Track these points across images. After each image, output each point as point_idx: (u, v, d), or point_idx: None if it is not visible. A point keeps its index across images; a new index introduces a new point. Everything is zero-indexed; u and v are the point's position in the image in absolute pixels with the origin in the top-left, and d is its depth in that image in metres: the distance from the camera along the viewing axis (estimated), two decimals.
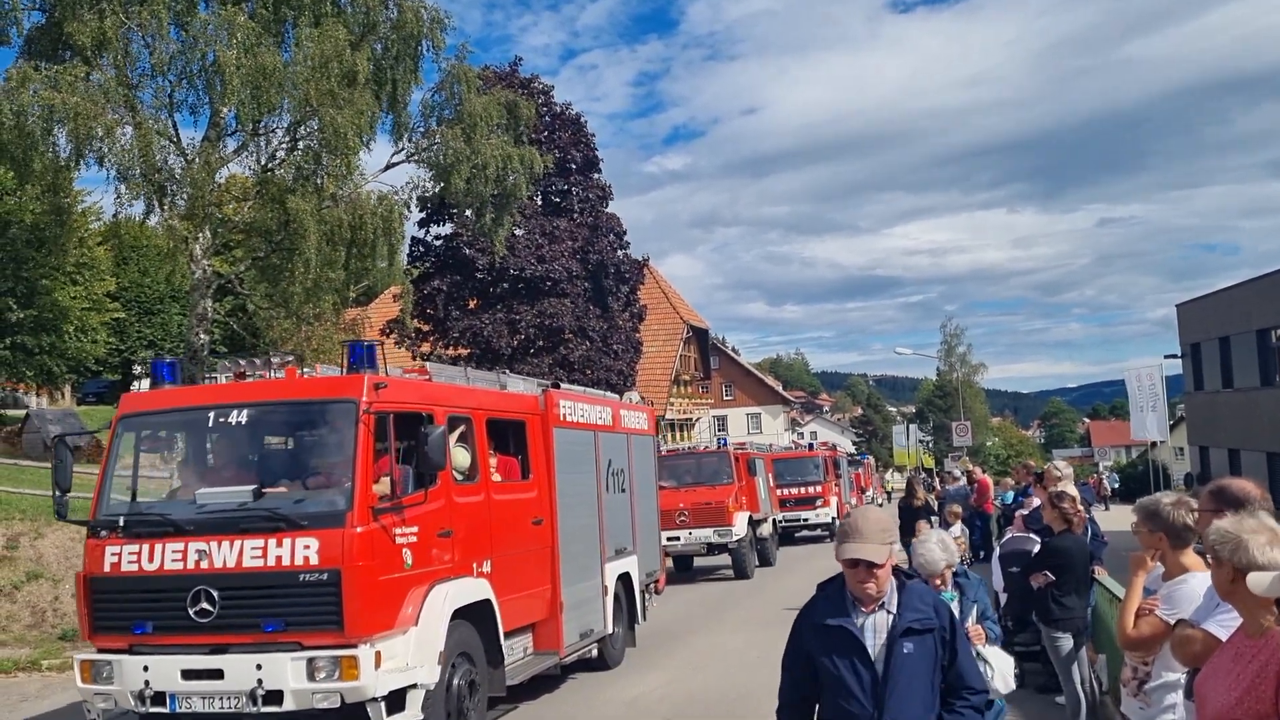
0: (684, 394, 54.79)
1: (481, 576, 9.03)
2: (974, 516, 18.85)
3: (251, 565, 7.54)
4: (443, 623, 8.16)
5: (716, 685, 11.07)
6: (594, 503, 11.63)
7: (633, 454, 13.11)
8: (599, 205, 33.83)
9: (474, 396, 9.69)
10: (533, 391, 10.89)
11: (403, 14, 21.34)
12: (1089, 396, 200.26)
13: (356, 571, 7.44)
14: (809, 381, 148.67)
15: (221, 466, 8.45)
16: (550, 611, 10.45)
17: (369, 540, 7.58)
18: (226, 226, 23.22)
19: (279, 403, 8.37)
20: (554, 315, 31.04)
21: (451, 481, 8.69)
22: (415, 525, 8.08)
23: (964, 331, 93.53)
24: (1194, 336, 37.04)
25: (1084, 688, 8.06)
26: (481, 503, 9.27)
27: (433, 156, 22.63)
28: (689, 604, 17.94)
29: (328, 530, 7.50)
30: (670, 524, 20.18)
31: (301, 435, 8.69)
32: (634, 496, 13.04)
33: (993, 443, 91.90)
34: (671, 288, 56.89)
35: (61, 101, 17.31)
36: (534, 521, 10.23)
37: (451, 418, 8.89)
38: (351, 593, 7.41)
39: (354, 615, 7.41)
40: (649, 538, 13.74)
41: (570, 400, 11.39)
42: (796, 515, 29.97)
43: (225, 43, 18.29)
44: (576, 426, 11.34)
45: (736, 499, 21.45)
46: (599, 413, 12.17)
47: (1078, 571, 7.96)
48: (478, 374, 10.58)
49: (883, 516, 3.97)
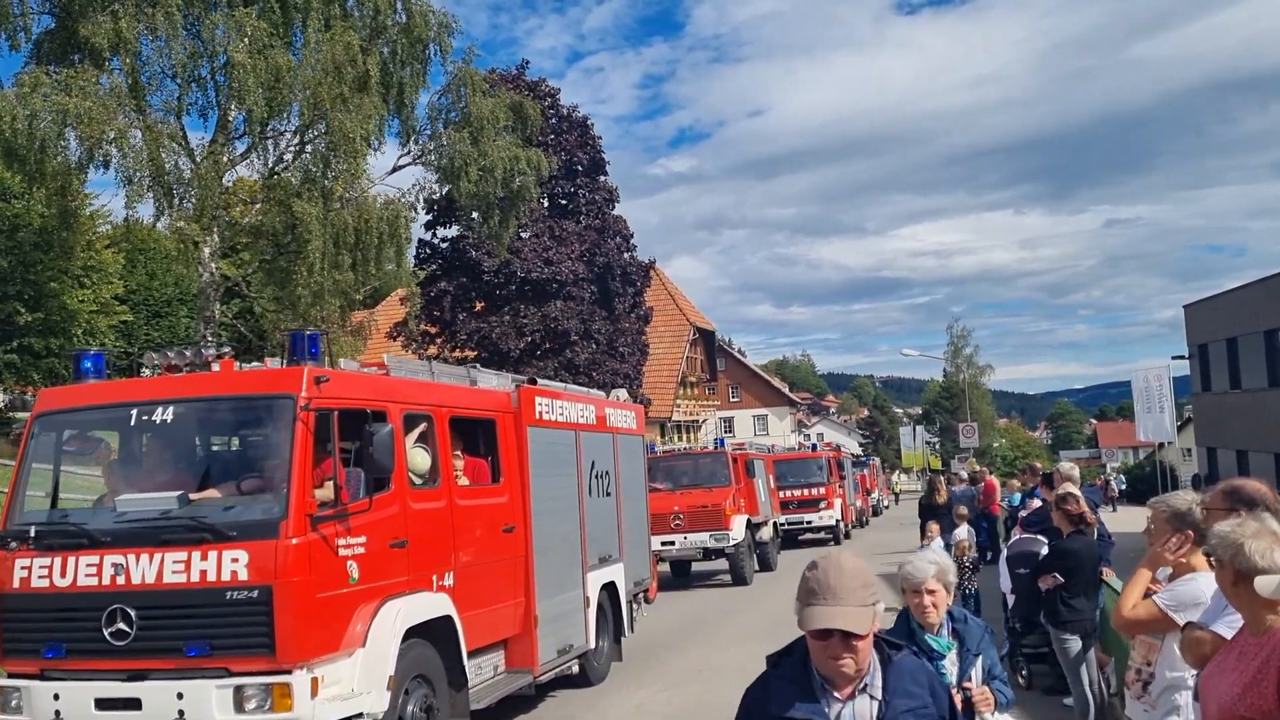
0: (690, 396, 54.79)
1: (442, 590, 8.24)
2: (980, 518, 18.85)
3: (173, 581, 6.75)
4: (393, 643, 7.37)
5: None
6: (574, 507, 10.84)
7: (619, 455, 12.33)
8: (605, 207, 33.88)
9: (436, 392, 8.86)
10: (506, 388, 10.07)
11: (410, 17, 21.42)
12: (1096, 398, 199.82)
13: (290, 588, 6.68)
14: (815, 383, 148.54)
15: (146, 470, 7.65)
16: (524, 626, 9.63)
17: (305, 552, 6.81)
18: (234, 229, 23.29)
19: (209, 399, 7.52)
20: (560, 318, 31.09)
21: (407, 486, 7.97)
22: (363, 535, 7.33)
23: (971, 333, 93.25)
24: (1201, 337, 36.97)
25: (1092, 690, 8.06)
26: (443, 509, 8.47)
27: (440, 159, 22.71)
28: (682, 613, 17.33)
29: (259, 542, 6.74)
30: (665, 528, 19.71)
31: (234, 435, 7.98)
32: (621, 500, 12.24)
33: (999, 444, 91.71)
34: (678, 290, 56.92)
35: (74, 106, 17.39)
36: (505, 529, 9.42)
37: (409, 415, 8.18)
38: (285, 612, 6.65)
39: (288, 637, 6.65)
40: (637, 544, 13.04)
41: (548, 397, 10.53)
42: (799, 518, 29.31)
43: (237, 45, 18.36)
44: (555, 425, 10.51)
45: (734, 501, 20.82)
46: (581, 411, 11.34)
47: (1086, 573, 7.96)
48: (445, 369, 9.89)
49: (861, 569, 2.93)
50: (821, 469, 30.45)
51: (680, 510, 20.31)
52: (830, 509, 29.85)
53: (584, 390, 12.60)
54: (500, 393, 9.96)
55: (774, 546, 23.99)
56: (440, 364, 9.94)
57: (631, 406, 13.58)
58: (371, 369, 8.54)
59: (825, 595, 2.86)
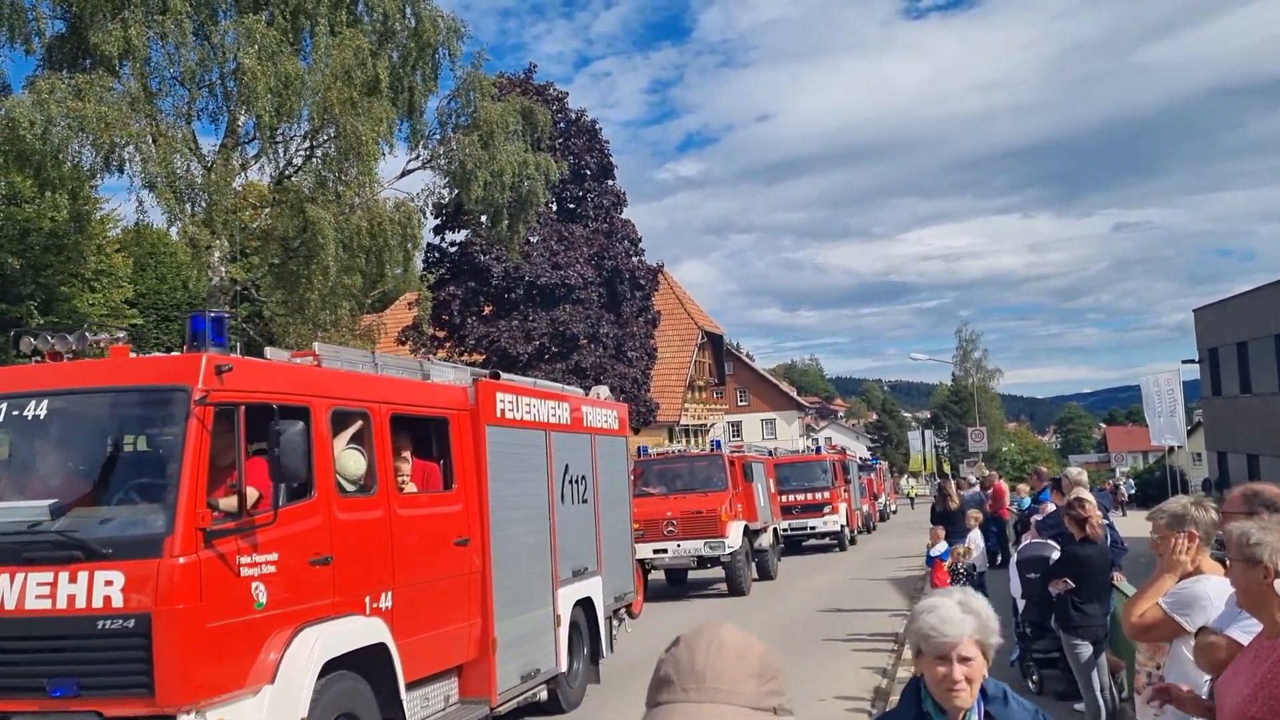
0: (698, 400, 54.81)
1: (377, 614, 7.21)
2: (989, 522, 18.83)
3: (36, 608, 5.74)
4: (308, 676, 6.34)
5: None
6: (544, 516, 9.80)
7: (598, 458, 11.28)
8: (613, 211, 33.95)
9: (374, 387, 7.80)
10: (462, 382, 8.99)
11: (420, 22, 21.49)
12: (1105, 402, 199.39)
13: (173, 616, 5.67)
14: (824, 387, 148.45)
15: (14, 475, 6.61)
16: (480, 651, 8.53)
17: (193, 573, 5.80)
18: (244, 234, 23.39)
19: (91, 391, 6.49)
20: (568, 322, 31.13)
21: (334, 493, 6.95)
22: (273, 551, 6.34)
23: (979, 336, 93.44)
24: (1211, 341, 36.88)
25: (1103, 695, 8.04)
26: (380, 520, 7.41)
27: (449, 163, 22.78)
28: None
29: (138, 561, 5.74)
30: (657, 535, 19.04)
31: (121, 433, 6.74)
32: (599, 507, 11.23)
33: (1008, 448, 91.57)
34: (686, 294, 56.95)
35: (91, 110, 17.50)
36: (457, 542, 8.35)
37: (338, 412, 7.17)
38: (166, 645, 5.65)
39: (170, 675, 5.64)
40: (619, 555, 12.01)
41: (512, 394, 9.45)
42: (803, 523, 28.58)
43: (246, 51, 18.46)
44: (520, 425, 9.44)
45: (730, 507, 19.77)
46: (552, 409, 10.28)
47: (1098, 579, 7.96)
48: (394, 360, 8.87)
49: (754, 651, 1.74)
50: (826, 472, 29.65)
51: (673, 516, 19.33)
52: (835, 514, 29.09)
53: (557, 387, 11.55)
54: (454, 388, 8.86)
55: (774, 554, 23.03)
56: (389, 356, 8.90)
57: (613, 405, 12.56)
58: (304, 359, 7.48)
59: (687, 687, 1.70)
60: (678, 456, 22.47)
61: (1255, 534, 3.33)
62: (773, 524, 23.34)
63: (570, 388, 12.24)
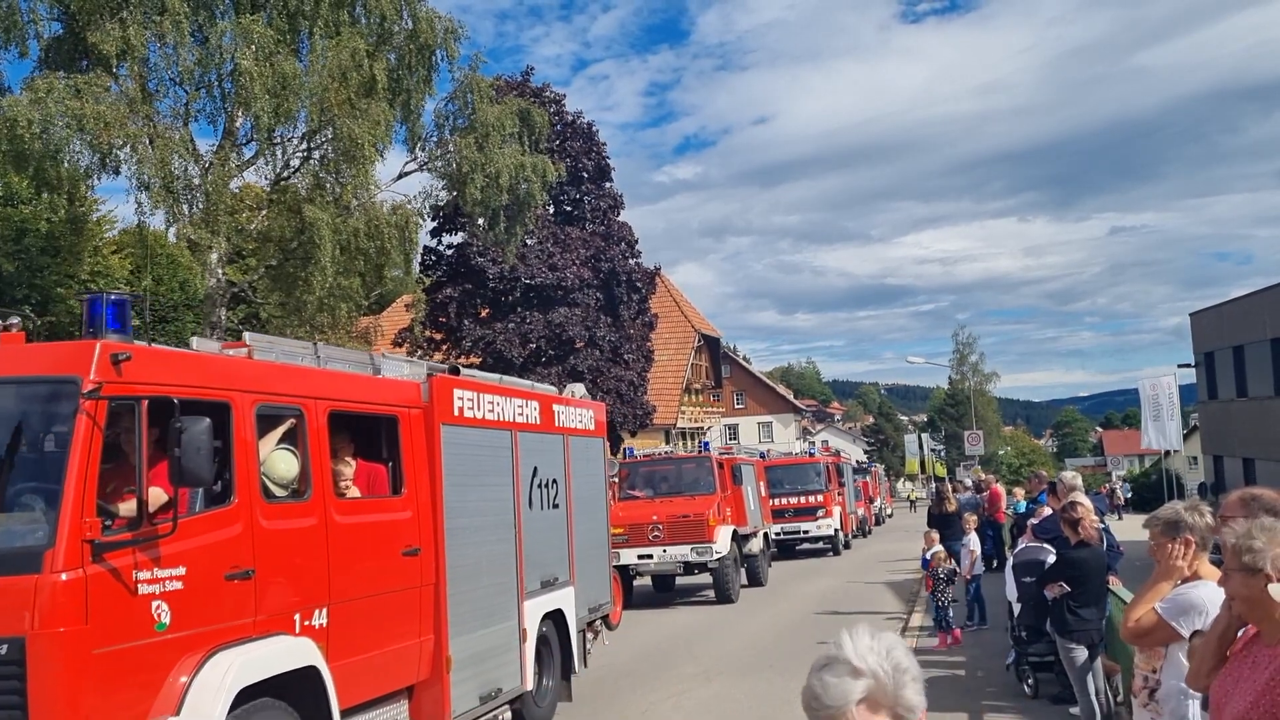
0: (695, 403, 54.81)
1: (308, 633, 6.50)
2: (985, 525, 18.86)
3: None
4: (219, 705, 5.64)
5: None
6: (509, 523, 9.12)
7: (571, 460, 10.67)
8: (610, 214, 33.96)
9: (309, 381, 7.02)
10: (416, 377, 8.25)
11: (417, 24, 21.48)
12: (1102, 405, 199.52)
13: (53, 641, 5.01)
14: (820, 390, 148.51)
15: None
16: (433, 670, 7.87)
17: (77, 591, 5.10)
18: (241, 235, 23.38)
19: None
20: (565, 324, 31.12)
21: (258, 499, 6.23)
22: (180, 565, 5.64)
23: (976, 340, 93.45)
24: (1208, 345, 36.92)
25: (1099, 699, 8.04)
26: (314, 528, 6.70)
27: (446, 166, 22.78)
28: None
29: (13, 578, 5.08)
30: (642, 539, 18.42)
31: (2, 431, 5.96)
32: (573, 513, 10.58)
33: (1005, 452, 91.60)
34: (683, 296, 56.98)
35: (90, 110, 17.49)
36: (406, 551, 7.61)
37: (266, 409, 6.45)
38: (44, 674, 4.99)
39: (49, 708, 4.98)
40: (595, 564, 11.36)
41: (473, 390, 8.70)
42: (796, 527, 28.07)
43: (244, 52, 18.46)
44: (482, 425, 8.75)
45: (719, 511, 19.04)
46: (519, 408, 9.58)
47: (1093, 583, 7.96)
48: (340, 353, 8.05)
49: None
50: (819, 475, 29.02)
51: (659, 520, 18.56)
52: (829, 517, 28.48)
53: (526, 384, 10.79)
54: (405, 384, 8.10)
55: (764, 559, 22.20)
56: (336, 349, 8.22)
57: (589, 404, 11.81)
58: (237, 351, 6.79)
59: None
60: (664, 458, 21.59)
61: (1252, 543, 3.31)
62: (763, 528, 22.64)
63: (542, 385, 11.55)
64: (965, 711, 9.42)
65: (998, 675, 10.75)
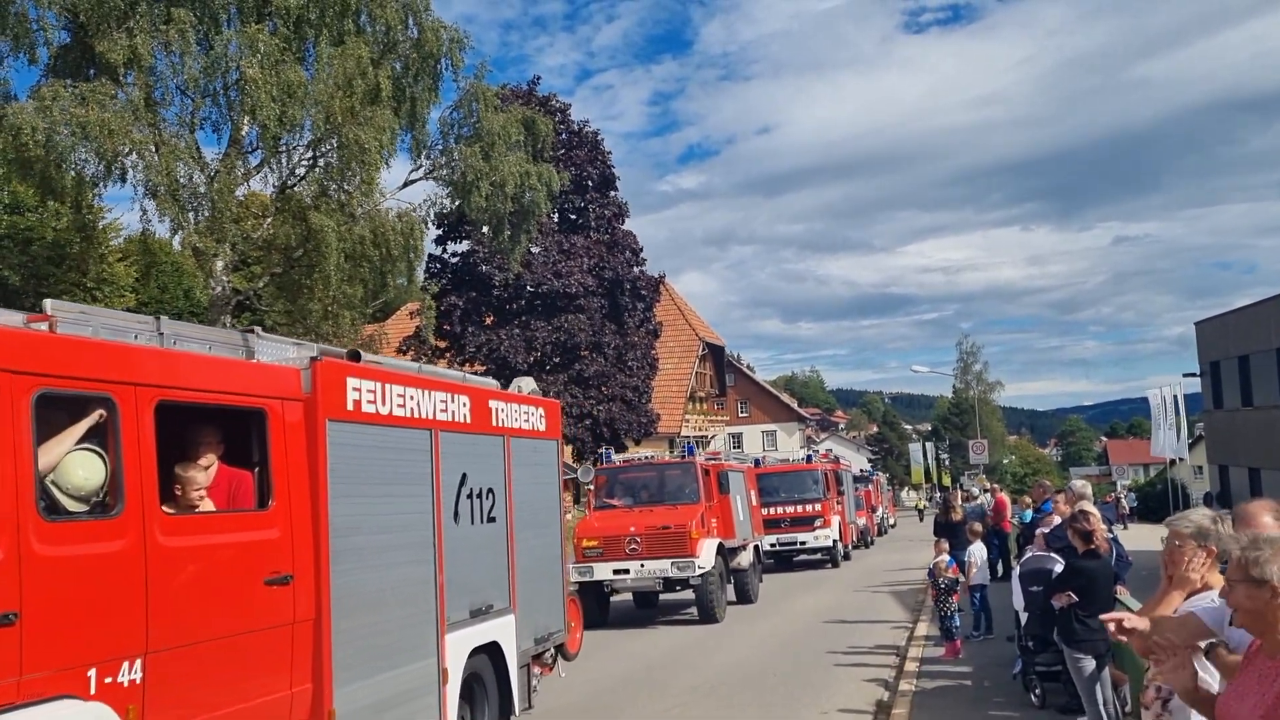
0: (699, 411, 54.80)
1: (107, 694, 4.87)
2: (991, 535, 18.84)
3: None
4: None
5: None
6: (425, 541, 7.54)
7: (514, 466, 9.15)
8: (615, 222, 34.03)
9: (126, 361, 5.30)
10: (298, 363, 6.65)
11: (422, 33, 21.58)
12: (1106, 414, 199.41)
13: None
14: (824, 399, 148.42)
15: None
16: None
17: None
18: (246, 243, 23.45)
19: None
20: (570, 331, 31.15)
21: (34, 517, 4.60)
22: None
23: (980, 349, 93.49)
24: (1213, 355, 36.88)
25: (1106, 709, 8.00)
26: (123, 553, 5.07)
27: (451, 174, 22.84)
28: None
29: None
30: (619, 553, 16.94)
31: None
32: (514, 528, 9.06)
33: (1009, 460, 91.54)
34: (687, 304, 57.02)
35: (95, 118, 17.55)
36: (272, 580, 6.01)
37: (48, 396, 4.77)
38: None
39: None
40: (544, 587, 9.81)
41: (375, 380, 7.08)
42: (792, 538, 26.60)
43: (250, 60, 18.53)
44: (389, 422, 7.18)
45: (703, 522, 17.42)
46: (443, 403, 7.95)
47: (1101, 592, 7.93)
48: (196, 331, 6.38)
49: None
50: (817, 483, 27.59)
51: (637, 532, 16.97)
52: (826, 527, 27.08)
53: (455, 375, 9.17)
54: (278, 370, 6.48)
55: (754, 574, 20.46)
56: (188, 325, 6.57)
57: (540, 401, 10.15)
58: (38, 324, 5.10)
59: None
60: (645, 464, 19.57)
61: (1258, 554, 3.29)
62: (753, 540, 21.00)
63: (479, 378, 9.76)
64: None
65: (1004, 685, 10.71)
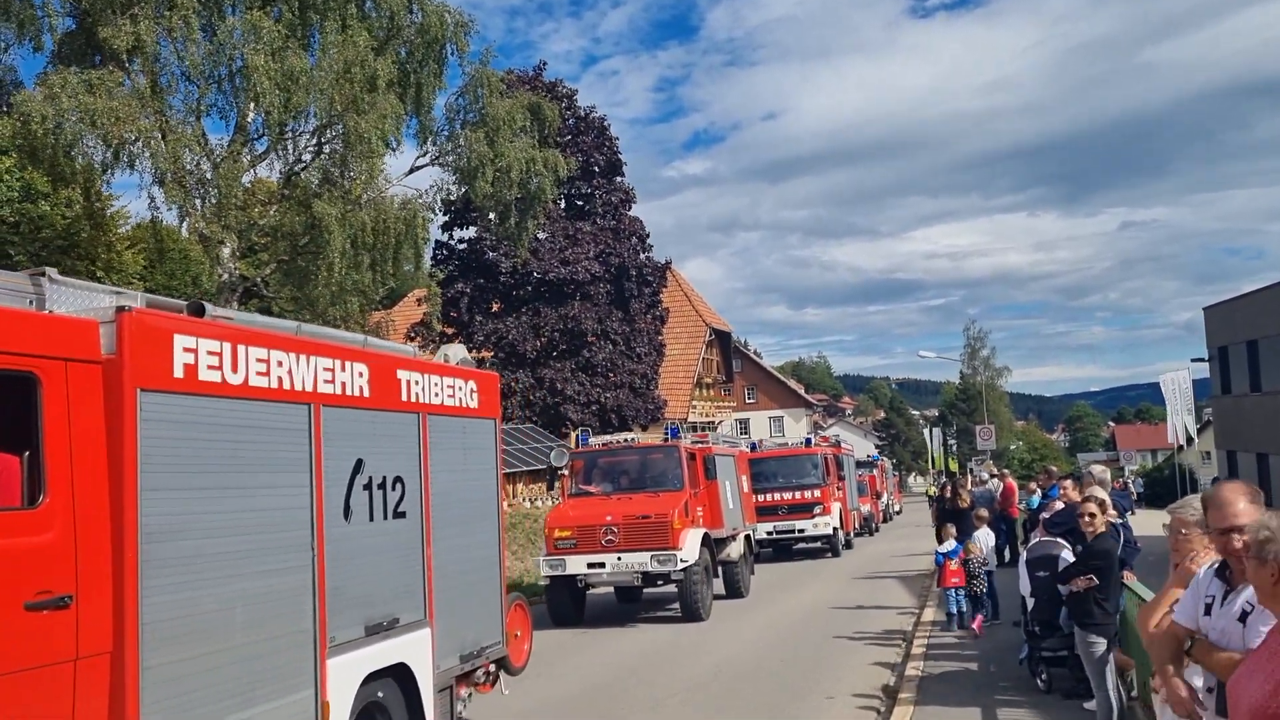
0: (706, 397, 54.78)
1: None
2: (999, 520, 18.84)
3: None
4: None
5: None
6: (301, 544, 6.20)
7: (432, 450, 7.73)
8: (621, 209, 33.97)
9: None
10: (101, 315, 5.09)
11: (427, 18, 21.51)
12: (1113, 400, 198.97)
13: None
14: (831, 385, 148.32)
15: None
16: None
17: None
18: (253, 229, 23.49)
19: None
20: (577, 318, 31.16)
21: None
22: None
23: (986, 335, 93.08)
24: (1221, 340, 36.75)
25: (1114, 693, 8.02)
26: None
27: (457, 160, 22.81)
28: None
29: None
30: (594, 545, 15.54)
31: None
32: (432, 524, 7.68)
33: (1016, 446, 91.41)
34: (694, 290, 56.95)
35: (103, 105, 17.57)
36: (33, 603, 4.56)
37: None
38: None
39: None
40: (476, 593, 8.44)
41: (218, 339, 5.59)
42: (790, 525, 25.59)
43: (254, 47, 18.52)
44: (242, 394, 5.72)
45: (686, 511, 16.10)
46: (326, 370, 6.51)
47: (1115, 574, 7.99)
48: None
49: None
50: (816, 468, 26.48)
51: (614, 522, 15.65)
52: (826, 515, 25.94)
53: (350, 337, 7.48)
54: (63, 322, 4.96)
55: (744, 567, 19.02)
56: None
57: (471, 373, 8.67)
58: None
59: None
60: (624, 447, 17.85)
61: (1266, 534, 3.32)
62: (744, 530, 19.53)
63: (380, 340, 7.91)
64: (978, 706, 9.40)
65: (1011, 670, 10.72)
